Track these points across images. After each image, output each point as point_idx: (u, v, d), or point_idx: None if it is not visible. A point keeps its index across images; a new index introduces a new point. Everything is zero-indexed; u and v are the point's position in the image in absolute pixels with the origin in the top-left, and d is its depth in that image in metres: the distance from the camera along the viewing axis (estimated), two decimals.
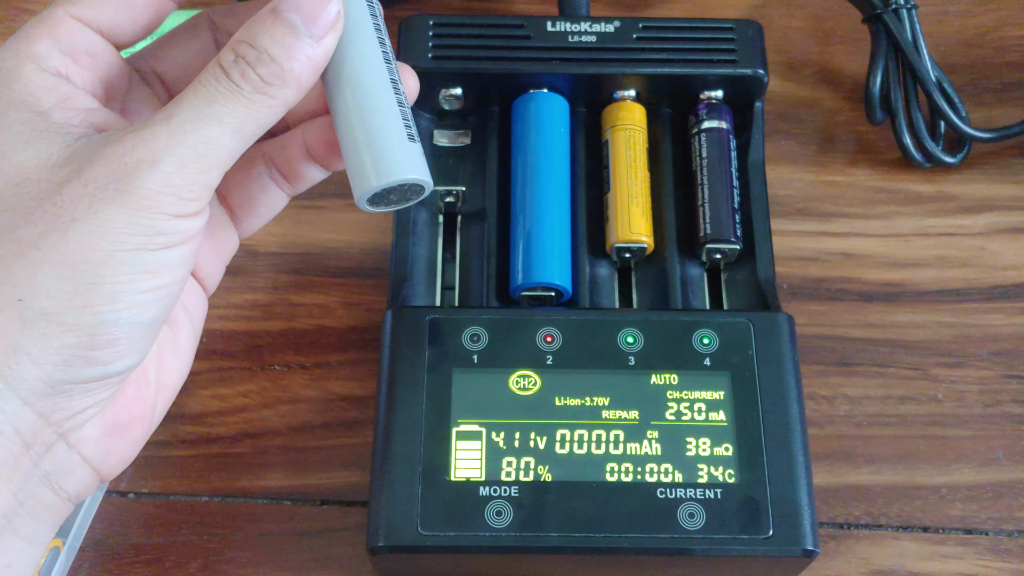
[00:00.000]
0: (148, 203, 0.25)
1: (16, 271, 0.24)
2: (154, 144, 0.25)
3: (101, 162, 0.25)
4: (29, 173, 0.25)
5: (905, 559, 0.38)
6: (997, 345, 0.41)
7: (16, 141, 0.26)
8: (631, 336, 0.35)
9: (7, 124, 0.26)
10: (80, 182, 0.25)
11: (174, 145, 0.25)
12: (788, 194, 0.44)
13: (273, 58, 0.26)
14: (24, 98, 0.27)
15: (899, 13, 0.44)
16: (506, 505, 0.33)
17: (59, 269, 0.24)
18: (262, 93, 0.26)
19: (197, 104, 0.26)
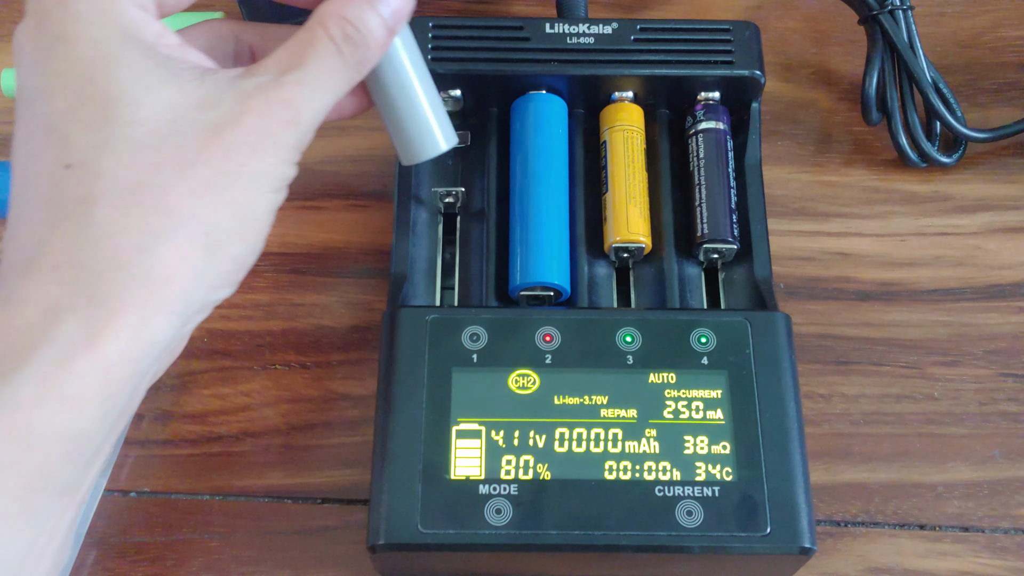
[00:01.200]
0: (287, 156, 0.29)
1: (201, 206, 0.27)
2: (297, 108, 0.29)
3: (253, 115, 0.28)
4: (178, 111, 0.28)
5: (902, 557, 0.38)
6: (993, 344, 0.41)
7: (151, 78, 0.28)
8: (629, 335, 0.36)
9: (132, 59, 0.28)
10: (241, 130, 0.28)
11: (306, 109, 0.29)
12: (785, 194, 0.45)
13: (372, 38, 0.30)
14: (133, 33, 0.28)
15: (895, 14, 0.44)
16: (505, 503, 0.33)
17: (232, 208, 0.28)
18: (362, 65, 0.30)
19: (318, 72, 0.29)
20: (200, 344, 0.41)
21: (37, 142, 0.28)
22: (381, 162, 0.45)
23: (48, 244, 0.27)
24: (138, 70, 0.28)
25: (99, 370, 0.26)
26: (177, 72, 0.28)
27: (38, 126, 0.28)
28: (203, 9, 0.48)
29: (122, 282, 0.26)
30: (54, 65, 0.28)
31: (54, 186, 0.27)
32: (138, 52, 0.28)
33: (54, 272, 0.26)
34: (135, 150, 0.27)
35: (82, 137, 0.27)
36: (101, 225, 0.27)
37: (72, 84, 0.28)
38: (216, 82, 0.28)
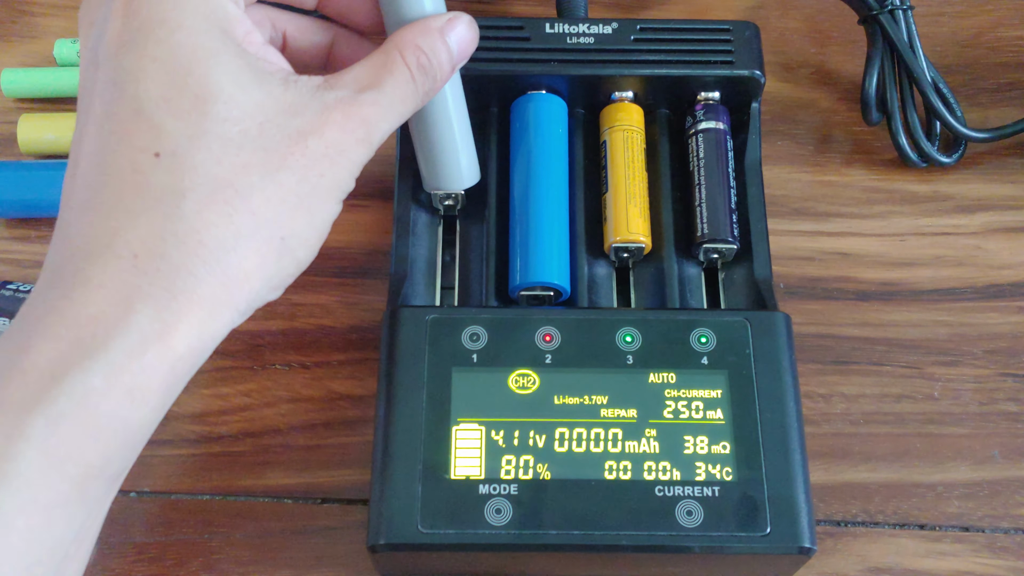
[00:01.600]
0: (355, 170, 0.30)
1: (281, 212, 0.28)
2: (371, 126, 0.30)
3: (334, 128, 0.29)
4: (267, 114, 0.28)
5: (902, 556, 0.38)
6: (993, 344, 0.41)
7: (244, 77, 0.28)
8: (629, 335, 0.36)
9: (228, 55, 0.28)
10: (323, 142, 0.29)
11: (378, 130, 0.30)
12: (785, 194, 0.45)
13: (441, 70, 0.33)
14: (228, 28, 0.29)
15: (895, 14, 0.44)
16: (505, 503, 0.33)
17: (307, 216, 0.29)
18: (427, 95, 0.33)
19: (393, 96, 0.31)
20: None
21: (123, 124, 0.28)
22: (381, 162, 0.44)
23: (130, 232, 0.26)
24: (234, 67, 0.28)
25: (167, 363, 0.26)
26: (265, 74, 0.29)
27: (126, 108, 0.28)
28: None
29: (202, 278, 0.27)
30: (151, 49, 0.28)
31: (139, 173, 0.27)
32: (233, 48, 0.28)
33: (134, 261, 0.26)
34: (226, 148, 0.27)
35: (175, 127, 0.27)
36: (188, 219, 0.27)
37: (169, 71, 0.27)
38: (300, 89, 0.29)
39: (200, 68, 0.28)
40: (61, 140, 0.45)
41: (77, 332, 0.26)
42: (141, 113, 0.27)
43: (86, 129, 0.28)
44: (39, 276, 0.28)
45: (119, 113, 0.28)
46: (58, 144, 0.45)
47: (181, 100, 0.27)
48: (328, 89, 0.30)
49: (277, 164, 0.28)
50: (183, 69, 0.28)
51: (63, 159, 0.45)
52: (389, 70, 0.31)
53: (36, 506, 0.25)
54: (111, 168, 0.27)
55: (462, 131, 0.37)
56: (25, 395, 0.25)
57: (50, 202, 0.43)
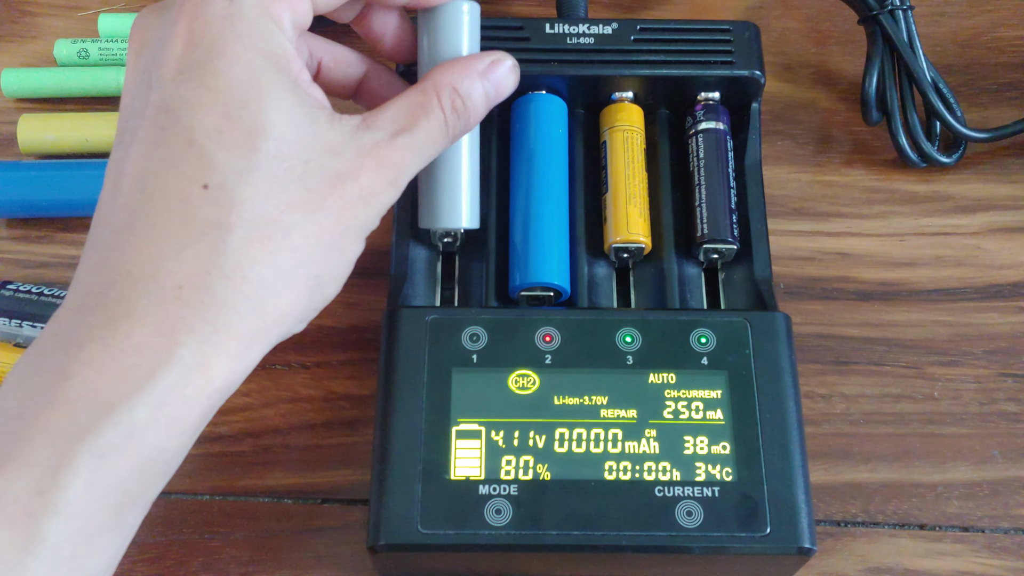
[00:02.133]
0: (382, 212, 0.31)
1: (318, 251, 0.29)
2: (401, 170, 0.31)
3: (369, 172, 0.30)
4: (311, 153, 0.29)
5: (902, 557, 0.38)
6: (993, 344, 0.41)
7: (295, 114, 0.29)
8: (629, 335, 0.36)
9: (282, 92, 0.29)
10: (358, 185, 0.30)
11: (407, 173, 0.31)
12: (785, 194, 0.45)
13: (474, 114, 0.33)
14: (284, 65, 0.29)
15: (895, 14, 0.44)
16: (505, 503, 0.33)
17: (339, 255, 0.30)
18: (457, 137, 0.33)
19: (425, 138, 0.31)
20: None
21: (174, 152, 0.28)
22: None
23: (175, 262, 0.27)
24: (287, 104, 0.29)
25: (205, 396, 0.27)
26: (314, 112, 0.29)
27: (178, 137, 0.28)
28: None
29: (244, 314, 0.27)
30: (208, 80, 0.28)
31: (187, 203, 0.27)
32: (287, 85, 0.29)
33: (178, 292, 0.27)
34: (273, 185, 0.28)
35: (226, 160, 0.27)
36: (233, 254, 0.27)
37: (225, 103, 0.28)
38: (342, 129, 0.30)
39: (255, 103, 0.28)
40: (61, 140, 0.45)
41: (122, 363, 0.26)
42: (193, 143, 0.28)
43: (132, 151, 0.29)
44: (72, 290, 0.28)
45: (170, 141, 0.28)
46: (58, 144, 0.45)
47: (234, 133, 0.28)
48: (366, 131, 0.30)
49: (318, 204, 0.29)
50: (238, 103, 0.28)
51: (63, 159, 0.45)
52: (424, 112, 0.32)
53: (82, 536, 0.25)
54: (158, 195, 0.28)
55: (472, 167, 0.36)
56: (72, 425, 0.25)
57: (50, 202, 0.44)
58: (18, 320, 0.40)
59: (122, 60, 0.47)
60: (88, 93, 0.47)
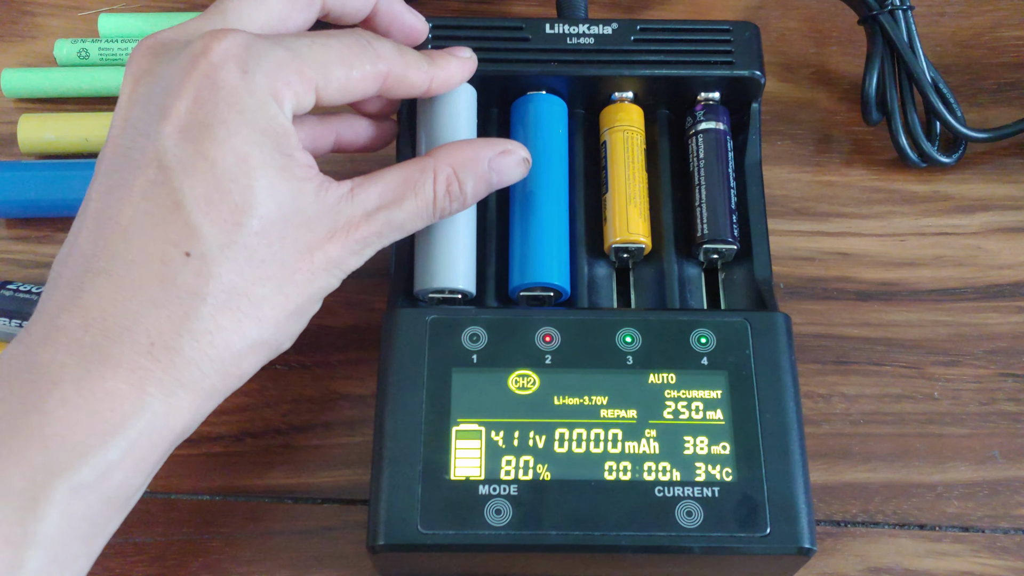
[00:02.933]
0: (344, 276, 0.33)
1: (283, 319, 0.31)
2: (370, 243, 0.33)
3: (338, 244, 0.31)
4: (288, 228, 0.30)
5: (902, 557, 0.38)
6: (993, 344, 0.41)
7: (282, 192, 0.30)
8: (629, 336, 0.36)
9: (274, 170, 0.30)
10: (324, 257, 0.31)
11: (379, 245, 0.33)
12: (785, 194, 0.45)
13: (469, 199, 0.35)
14: (281, 141, 0.30)
15: (895, 14, 0.44)
16: (505, 504, 0.33)
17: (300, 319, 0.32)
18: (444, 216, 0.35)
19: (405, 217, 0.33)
20: None
21: (161, 213, 0.29)
22: (381, 162, 0.44)
23: (149, 320, 0.29)
24: (275, 182, 0.30)
25: (167, 440, 0.29)
26: (300, 185, 0.31)
27: (168, 199, 0.29)
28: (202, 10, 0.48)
29: (207, 373, 0.29)
30: (206, 146, 0.29)
31: (167, 267, 0.29)
32: (280, 162, 0.30)
33: (150, 349, 0.28)
34: (250, 261, 0.29)
35: (209, 232, 0.29)
36: (203, 321, 0.29)
37: (216, 174, 0.29)
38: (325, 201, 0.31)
39: (245, 178, 0.29)
40: (61, 140, 0.45)
41: (95, 406, 0.28)
42: (181, 209, 0.29)
43: (120, 195, 0.30)
44: (38, 318, 0.29)
45: (160, 199, 0.29)
46: (58, 144, 0.45)
47: (221, 207, 0.29)
48: (349, 203, 0.32)
49: (287, 278, 0.30)
50: (230, 177, 0.29)
51: (63, 159, 0.45)
52: (415, 190, 0.33)
53: (56, 563, 0.27)
54: (140, 252, 0.29)
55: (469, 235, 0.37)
56: (48, 461, 0.27)
57: (50, 202, 0.44)
58: (18, 320, 0.40)
59: (122, 60, 0.47)
60: (88, 93, 0.47)
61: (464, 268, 0.37)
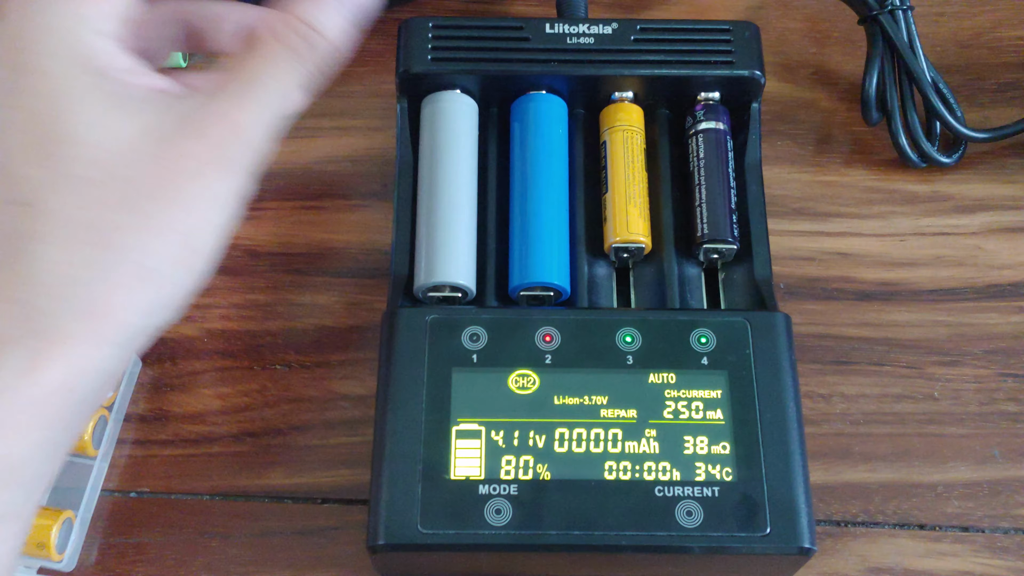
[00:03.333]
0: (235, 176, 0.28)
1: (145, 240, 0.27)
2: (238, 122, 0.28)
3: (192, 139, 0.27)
4: (126, 144, 0.27)
5: (902, 556, 0.38)
6: (993, 344, 0.41)
7: (102, 112, 0.27)
8: (629, 335, 0.36)
9: (85, 92, 0.28)
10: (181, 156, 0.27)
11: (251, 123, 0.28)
12: (785, 194, 0.45)
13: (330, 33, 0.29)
14: (89, 62, 0.28)
15: (895, 14, 0.44)
16: (505, 503, 0.33)
17: (178, 237, 0.27)
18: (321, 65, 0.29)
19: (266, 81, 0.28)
20: (200, 344, 0.41)
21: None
22: (381, 162, 0.45)
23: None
24: (90, 104, 0.28)
25: (38, 399, 0.26)
26: (127, 100, 0.28)
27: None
28: None
29: (62, 316, 0.26)
30: (13, 99, 0.28)
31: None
32: (92, 84, 0.28)
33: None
34: (85, 189, 0.27)
35: (33, 175, 0.27)
36: (44, 262, 0.26)
37: (27, 119, 0.27)
38: (160, 107, 0.28)
39: (54, 113, 0.27)
40: None
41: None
42: (2, 166, 0.27)
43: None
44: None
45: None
46: None
47: (38, 148, 0.27)
48: (188, 97, 0.28)
49: (137, 193, 0.27)
50: (40, 116, 0.27)
51: None
52: (256, 52, 0.29)
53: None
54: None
55: (469, 229, 0.37)
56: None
57: None
58: None
59: None
60: None
61: (464, 264, 0.37)
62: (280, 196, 0.44)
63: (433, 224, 0.38)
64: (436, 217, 0.38)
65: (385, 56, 0.47)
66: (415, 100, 0.41)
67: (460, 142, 0.40)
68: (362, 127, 0.46)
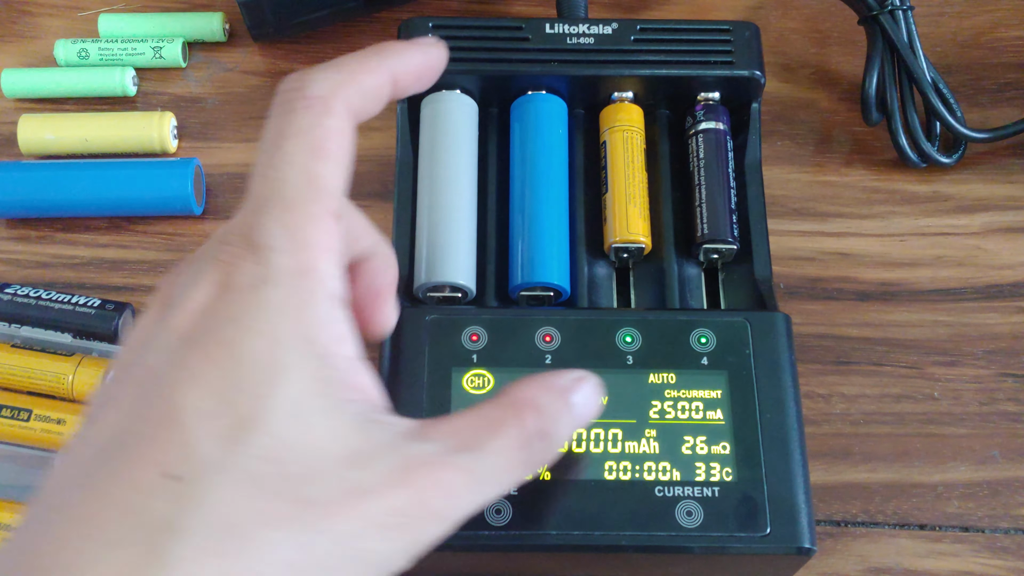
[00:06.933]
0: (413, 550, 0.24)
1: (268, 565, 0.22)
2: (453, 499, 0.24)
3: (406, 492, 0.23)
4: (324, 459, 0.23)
5: (902, 557, 0.38)
6: (993, 344, 0.41)
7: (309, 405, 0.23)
8: (629, 335, 0.36)
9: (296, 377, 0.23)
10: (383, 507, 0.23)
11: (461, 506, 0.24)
12: (785, 194, 0.45)
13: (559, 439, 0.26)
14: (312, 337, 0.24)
15: (895, 14, 0.44)
16: (505, 503, 0.33)
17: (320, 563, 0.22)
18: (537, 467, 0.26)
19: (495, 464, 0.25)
20: None
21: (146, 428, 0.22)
22: (381, 162, 0.45)
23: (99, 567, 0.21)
24: (301, 391, 0.23)
25: None
26: (341, 404, 0.24)
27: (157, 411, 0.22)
28: (202, 9, 0.48)
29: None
30: (215, 350, 0.23)
31: (138, 492, 0.22)
32: (312, 366, 0.23)
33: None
34: (252, 489, 0.22)
35: (202, 451, 0.22)
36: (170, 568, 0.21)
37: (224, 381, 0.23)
38: (379, 434, 0.24)
39: (261, 387, 0.23)
40: (61, 140, 0.45)
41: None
42: (173, 422, 0.22)
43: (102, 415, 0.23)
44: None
45: (147, 414, 0.23)
46: (58, 144, 0.45)
47: (221, 420, 0.22)
48: (415, 440, 0.24)
49: (312, 522, 0.22)
50: (236, 387, 0.23)
51: (63, 159, 0.45)
52: (498, 430, 0.25)
53: None
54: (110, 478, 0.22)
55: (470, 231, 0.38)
56: None
57: (50, 202, 0.44)
58: (17, 324, 0.40)
59: (122, 60, 0.47)
60: (88, 93, 0.47)
61: (464, 264, 0.37)
62: None
63: (433, 224, 0.38)
64: (436, 217, 0.38)
65: None
66: (415, 100, 0.41)
67: (460, 142, 0.40)
68: (362, 127, 0.45)
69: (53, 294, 0.41)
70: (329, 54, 0.47)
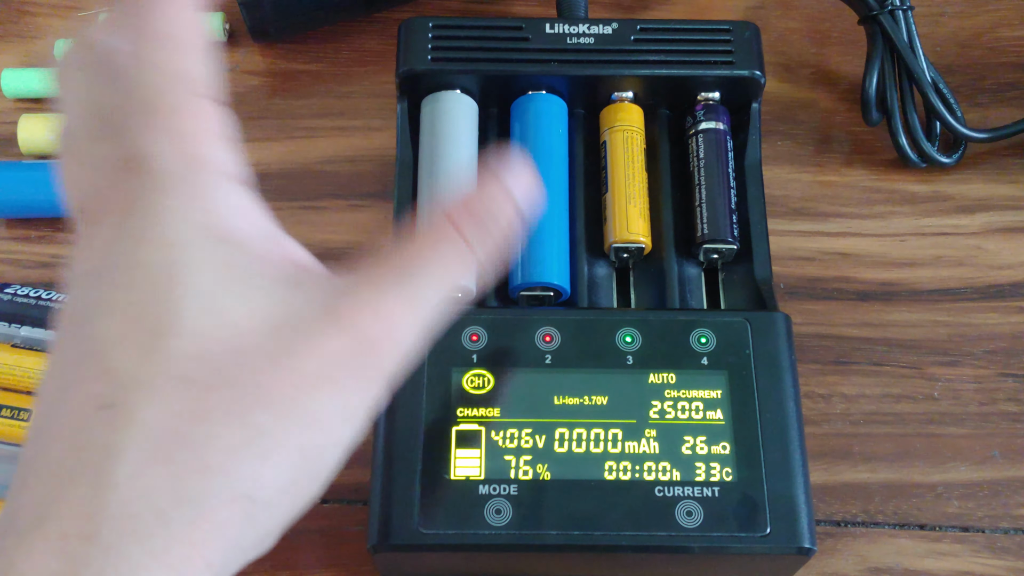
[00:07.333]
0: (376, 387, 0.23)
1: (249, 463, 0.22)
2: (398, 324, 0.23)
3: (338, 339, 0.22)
4: (250, 337, 0.22)
5: (902, 557, 0.38)
6: (993, 344, 0.41)
7: (218, 289, 0.23)
8: (629, 335, 0.36)
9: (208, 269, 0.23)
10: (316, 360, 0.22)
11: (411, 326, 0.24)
12: (785, 194, 0.45)
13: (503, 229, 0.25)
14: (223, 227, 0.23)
15: (895, 14, 0.44)
16: (505, 503, 0.33)
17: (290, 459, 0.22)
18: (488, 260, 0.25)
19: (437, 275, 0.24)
20: None
21: (76, 369, 0.22)
22: (381, 162, 0.45)
23: (60, 505, 0.21)
24: (209, 282, 0.23)
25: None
26: (257, 279, 0.23)
27: (81, 349, 0.23)
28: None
29: (137, 559, 0.21)
30: (118, 276, 0.23)
31: (80, 429, 0.22)
32: (209, 256, 0.23)
33: (62, 543, 0.21)
34: (183, 390, 0.22)
35: (127, 371, 0.22)
36: (121, 487, 0.21)
37: (132, 301, 0.22)
38: (296, 290, 0.23)
39: (161, 295, 0.22)
40: None
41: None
42: (94, 356, 0.22)
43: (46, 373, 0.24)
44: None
45: (75, 358, 0.23)
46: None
47: (134, 339, 0.22)
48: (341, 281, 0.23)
49: (250, 402, 0.22)
50: (147, 297, 0.22)
51: None
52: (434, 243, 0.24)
53: None
54: (56, 422, 0.22)
55: None
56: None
57: (50, 202, 0.43)
58: (17, 324, 0.40)
59: None
60: None
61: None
62: (280, 196, 0.44)
63: None
64: None
65: (385, 56, 0.47)
66: (415, 100, 0.41)
67: (460, 142, 0.40)
68: (362, 127, 0.46)
69: (53, 294, 0.41)
70: (329, 54, 0.47)
